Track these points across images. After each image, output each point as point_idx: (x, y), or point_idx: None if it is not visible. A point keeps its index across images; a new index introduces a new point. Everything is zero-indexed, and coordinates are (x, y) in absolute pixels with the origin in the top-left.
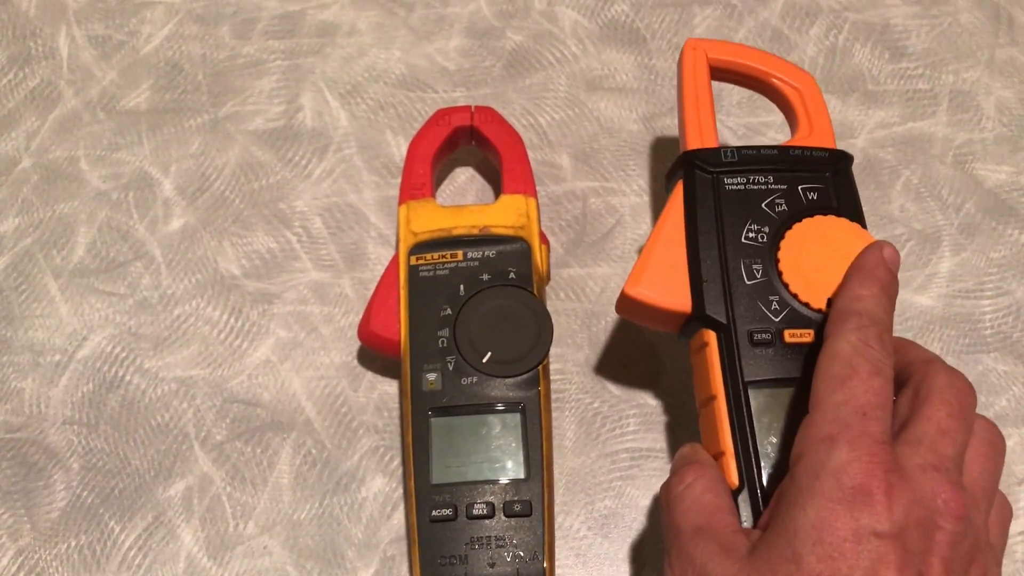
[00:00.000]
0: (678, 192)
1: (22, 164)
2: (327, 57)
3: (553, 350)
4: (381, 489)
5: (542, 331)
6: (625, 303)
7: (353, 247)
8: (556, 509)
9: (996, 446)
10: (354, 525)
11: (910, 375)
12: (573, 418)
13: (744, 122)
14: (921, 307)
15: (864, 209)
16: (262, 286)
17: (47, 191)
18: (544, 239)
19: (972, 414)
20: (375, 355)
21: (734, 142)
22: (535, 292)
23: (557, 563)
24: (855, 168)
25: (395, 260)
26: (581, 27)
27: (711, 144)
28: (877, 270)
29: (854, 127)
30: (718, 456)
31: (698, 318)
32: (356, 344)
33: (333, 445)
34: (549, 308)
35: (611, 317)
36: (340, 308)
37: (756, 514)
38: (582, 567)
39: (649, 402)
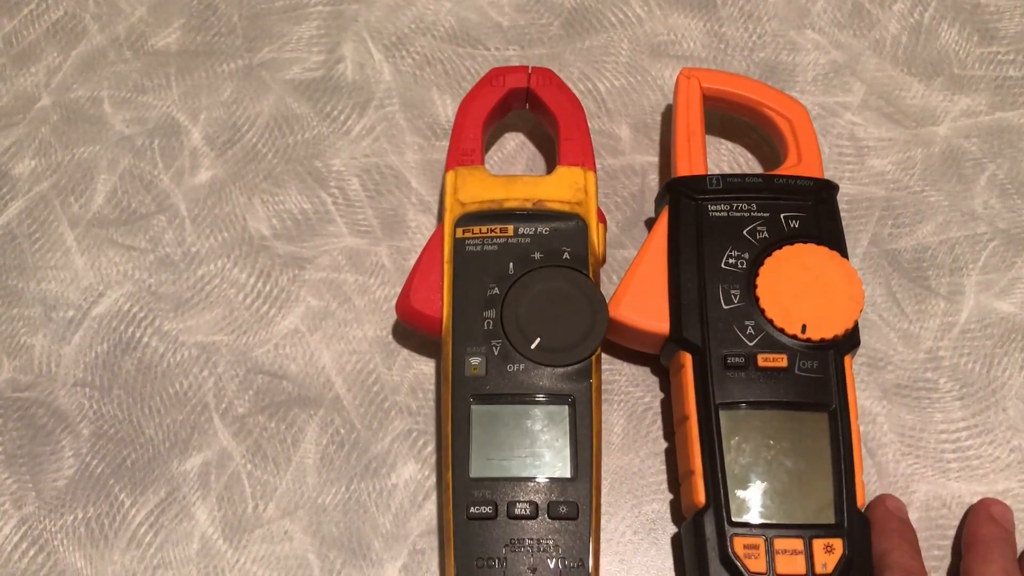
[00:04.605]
0: (663, 217)
1: (41, 102)
2: (372, 5)
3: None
4: (413, 476)
5: (597, 318)
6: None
7: (392, 213)
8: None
9: None
10: (382, 514)
11: None
12: (622, 412)
13: (819, 101)
14: (1002, 314)
15: (945, 204)
16: (293, 249)
17: (67, 132)
18: (601, 217)
19: None
20: (412, 332)
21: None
22: (590, 275)
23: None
24: (934, 157)
25: (439, 231)
26: None
27: (699, 171)
28: (888, 522)
29: (936, 114)
30: (688, 474)
31: (675, 340)
32: (391, 318)
33: (363, 426)
34: (603, 292)
35: None
36: (376, 278)
37: (720, 532)
38: (625, 574)
39: None
